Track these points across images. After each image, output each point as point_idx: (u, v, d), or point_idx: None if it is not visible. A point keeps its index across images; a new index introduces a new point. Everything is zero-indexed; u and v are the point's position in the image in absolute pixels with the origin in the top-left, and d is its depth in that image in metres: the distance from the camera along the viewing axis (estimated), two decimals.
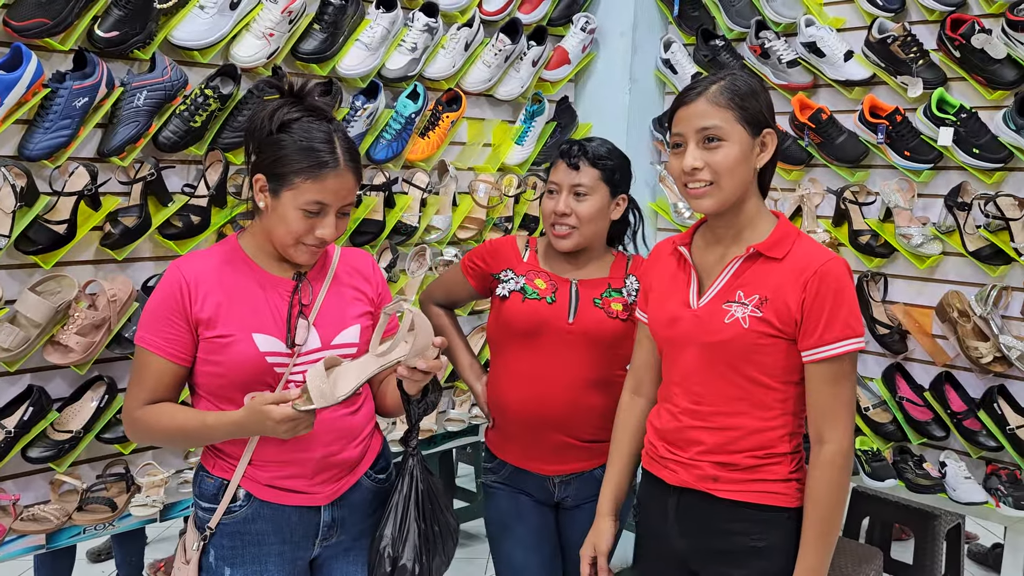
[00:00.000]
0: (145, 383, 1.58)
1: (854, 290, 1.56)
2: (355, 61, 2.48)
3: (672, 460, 1.66)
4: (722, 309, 1.57)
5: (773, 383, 1.57)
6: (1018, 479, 2.39)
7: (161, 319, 1.57)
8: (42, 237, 1.97)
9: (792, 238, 1.58)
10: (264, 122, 1.55)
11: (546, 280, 1.98)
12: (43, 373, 2.07)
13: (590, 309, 1.95)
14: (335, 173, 1.54)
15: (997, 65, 2.36)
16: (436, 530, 1.70)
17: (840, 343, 1.52)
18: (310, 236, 1.56)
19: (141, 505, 2.16)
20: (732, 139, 1.52)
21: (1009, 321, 2.43)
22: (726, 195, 1.54)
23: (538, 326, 1.95)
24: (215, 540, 1.62)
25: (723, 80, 1.55)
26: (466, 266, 2.09)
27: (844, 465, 1.55)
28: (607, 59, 3.13)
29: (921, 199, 2.59)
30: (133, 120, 2.07)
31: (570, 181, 1.93)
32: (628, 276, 2.01)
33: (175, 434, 1.58)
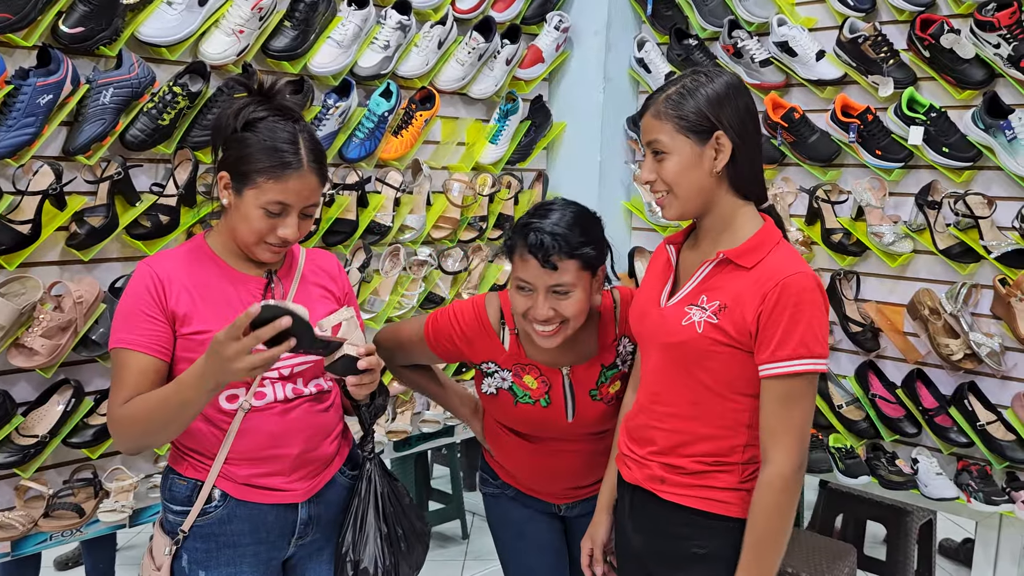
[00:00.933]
0: (126, 384, 1.51)
1: (820, 308, 1.49)
2: (327, 59, 2.45)
3: (629, 457, 1.67)
4: (683, 311, 1.56)
5: (726, 392, 1.54)
6: (988, 475, 2.42)
7: (136, 316, 1.53)
8: (5, 237, 1.92)
9: (768, 247, 1.53)
10: (229, 120, 1.55)
11: (536, 376, 1.82)
12: (7, 376, 2.02)
13: (588, 404, 1.84)
14: (298, 174, 1.53)
15: (966, 65, 2.38)
16: (399, 532, 1.70)
17: (792, 362, 1.46)
18: (272, 236, 1.55)
19: (110, 511, 2.11)
20: (674, 151, 1.52)
21: (979, 318, 2.46)
22: (682, 203, 1.55)
23: (538, 428, 1.89)
24: (188, 543, 1.59)
25: (673, 87, 1.53)
26: (433, 339, 1.88)
27: (783, 488, 1.48)
28: (581, 58, 3.12)
29: (892, 198, 2.61)
30: (99, 118, 2.03)
31: (547, 283, 1.68)
32: (619, 339, 1.85)
33: (155, 413, 1.47)
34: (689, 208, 1.56)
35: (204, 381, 1.41)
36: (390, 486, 1.73)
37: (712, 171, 1.52)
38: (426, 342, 1.91)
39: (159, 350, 1.53)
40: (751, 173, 1.57)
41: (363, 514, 1.67)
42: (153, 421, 1.47)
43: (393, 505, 1.71)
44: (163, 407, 1.47)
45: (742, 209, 1.57)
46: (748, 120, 1.55)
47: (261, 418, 1.59)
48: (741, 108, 1.53)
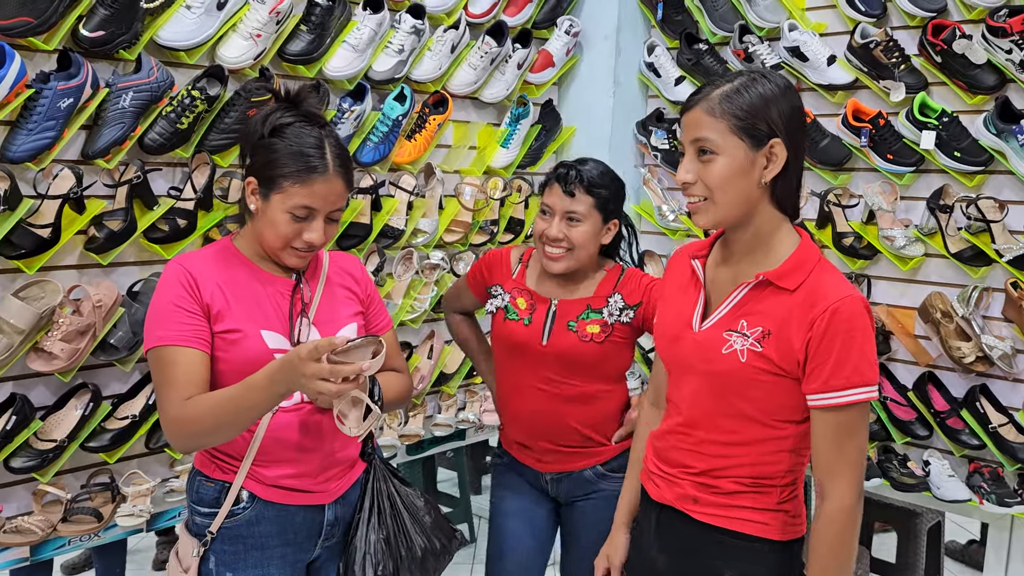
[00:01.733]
0: (177, 381, 1.48)
1: (870, 332, 1.39)
2: (342, 63, 2.45)
3: (658, 475, 1.58)
4: (722, 338, 1.44)
5: (770, 421, 1.45)
6: (1000, 476, 2.44)
7: (174, 311, 1.51)
8: (25, 241, 1.92)
9: (809, 267, 1.42)
10: (257, 126, 1.56)
11: (528, 300, 2.00)
12: (26, 381, 2.02)
13: (563, 333, 1.95)
14: (324, 178, 1.53)
15: (977, 70, 2.41)
16: (400, 538, 1.69)
17: (847, 392, 1.37)
18: (298, 240, 1.55)
19: (127, 515, 2.11)
20: (725, 152, 1.38)
21: (990, 321, 2.47)
22: (722, 212, 1.42)
23: (516, 346, 1.99)
24: (215, 545, 1.58)
25: (729, 84, 1.40)
26: (470, 278, 2.14)
27: (846, 523, 1.41)
28: (591, 62, 3.14)
29: (903, 201, 2.63)
30: (119, 122, 2.03)
31: (564, 207, 1.92)
32: (613, 295, 1.97)
33: (220, 414, 1.45)
34: (726, 217, 1.43)
35: (276, 386, 1.41)
36: (395, 488, 1.73)
37: (761, 180, 1.40)
38: (467, 279, 2.17)
39: (201, 342, 1.52)
40: (794, 188, 1.45)
41: (359, 516, 1.68)
42: (217, 421, 1.46)
43: (395, 507, 1.71)
44: (229, 408, 1.45)
45: (781, 225, 1.45)
46: (801, 127, 1.43)
47: (289, 419, 1.59)
48: (798, 116, 1.42)
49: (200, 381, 1.50)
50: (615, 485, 1.99)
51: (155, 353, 1.52)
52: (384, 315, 1.81)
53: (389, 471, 1.76)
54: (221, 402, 1.46)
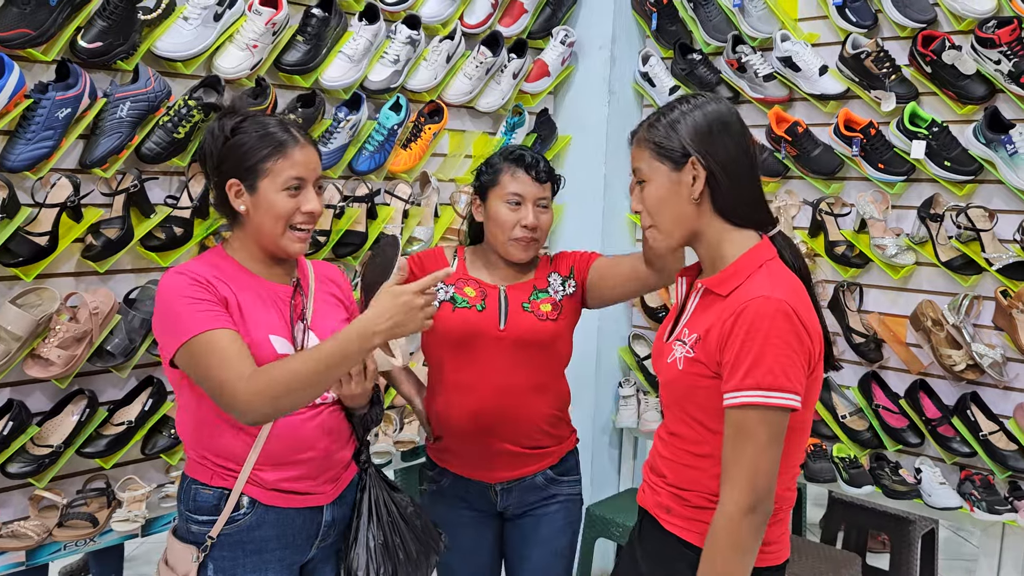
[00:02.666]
0: (231, 356, 1.46)
1: (776, 335, 1.35)
2: (338, 73, 2.48)
3: (646, 481, 1.63)
4: (669, 347, 1.51)
5: (720, 428, 1.42)
6: (991, 484, 2.45)
7: (195, 304, 1.50)
8: (23, 249, 1.95)
9: (746, 272, 1.44)
10: (216, 135, 1.61)
11: (475, 288, 2.00)
12: (23, 387, 2.04)
13: (520, 314, 1.96)
14: (299, 147, 1.61)
15: (967, 81, 2.43)
16: (397, 541, 1.72)
17: (741, 393, 1.36)
18: (298, 215, 1.60)
19: (123, 520, 2.13)
20: (652, 178, 1.49)
21: (981, 329, 2.49)
22: (665, 232, 1.50)
23: (470, 335, 1.95)
24: (213, 552, 1.60)
25: (654, 116, 1.51)
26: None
27: (727, 535, 1.37)
28: (586, 72, 3.16)
29: (895, 210, 2.65)
30: (116, 131, 2.05)
31: (536, 194, 1.95)
32: (551, 274, 2.04)
33: (308, 369, 1.44)
34: (673, 238, 1.50)
35: (374, 336, 1.45)
36: (388, 495, 1.75)
37: (690, 197, 1.46)
38: None
39: (232, 324, 1.52)
40: (737, 198, 1.47)
41: (357, 523, 1.70)
42: (305, 381, 1.44)
43: (391, 513, 1.73)
44: (318, 363, 1.45)
45: (729, 235, 1.48)
46: (729, 144, 1.46)
47: (289, 422, 1.61)
48: (722, 133, 1.46)
49: (248, 354, 1.49)
50: (567, 490, 2.06)
51: (190, 347, 1.48)
52: None
53: (381, 478, 1.79)
54: (306, 361, 1.45)
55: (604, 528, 2.89)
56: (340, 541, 1.72)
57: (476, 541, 2.06)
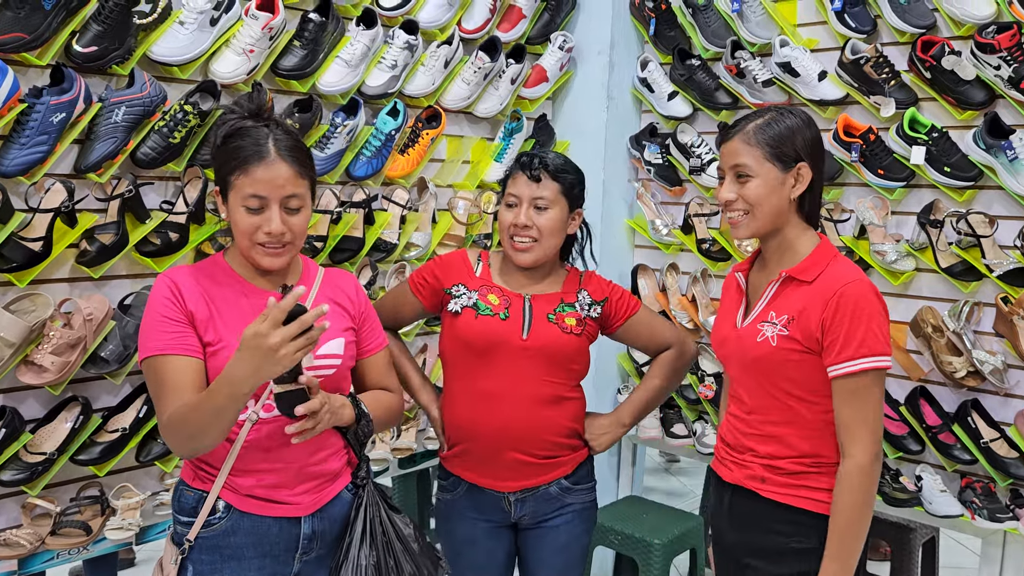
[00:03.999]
0: (168, 389, 1.51)
1: (877, 310, 1.63)
2: (335, 78, 2.47)
3: (729, 460, 1.80)
4: (757, 329, 1.70)
5: (811, 397, 1.68)
6: (992, 492, 2.43)
7: (162, 322, 1.54)
8: (17, 254, 1.93)
9: (825, 261, 1.68)
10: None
11: (499, 295, 1.96)
12: (16, 393, 2.02)
13: (544, 325, 1.94)
14: (264, 164, 1.54)
15: (967, 86, 2.42)
16: (391, 564, 1.68)
17: (856, 361, 1.60)
18: (259, 234, 1.56)
19: (116, 528, 2.11)
20: (759, 175, 1.67)
21: (981, 336, 2.48)
22: (759, 223, 1.70)
23: (492, 343, 1.92)
24: (193, 555, 1.59)
25: (761, 119, 1.69)
26: (415, 283, 2.04)
27: (860, 481, 1.62)
28: (584, 77, 3.16)
29: (894, 216, 2.64)
30: (111, 136, 2.04)
31: (531, 194, 1.92)
32: (580, 291, 2.02)
33: (203, 410, 1.45)
34: (762, 228, 1.71)
35: (239, 385, 1.40)
36: (386, 514, 1.71)
37: (790, 197, 1.69)
38: (410, 285, 2.05)
39: (189, 350, 1.54)
40: (817, 202, 1.75)
41: (348, 541, 1.66)
42: (203, 421, 1.46)
43: (387, 534, 1.69)
44: (210, 404, 1.45)
45: (804, 232, 1.73)
46: (821, 152, 1.72)
47: (268, 430, 1.59)
48: (817, 141, 1.71)
49: (189, 387, 1.52)
50: (581, 498, 2.03)
51: (147, 364, 1.56)
52: (379, 334, 1.81)
53: (380, 496, 1.75)
54: (200, 402, 1.47)
55: (603, 536, 2.87)
56: (329, 557, 1.69)
57: (490, 553, 2.02)
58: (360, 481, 1.72)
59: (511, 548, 2.05)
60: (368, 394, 1.76)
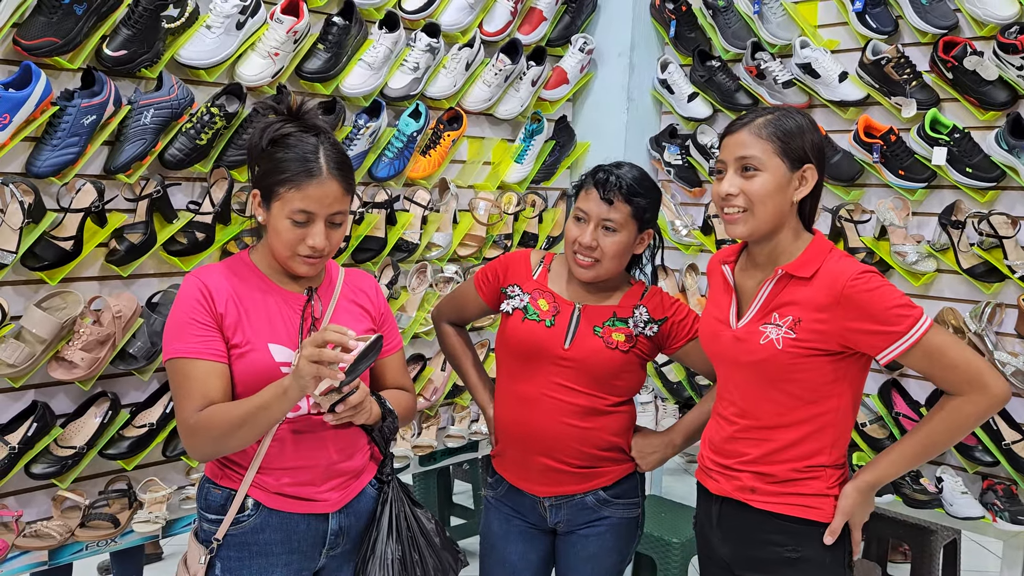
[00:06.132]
0: (193, 392, 1.54)
1: (890, 287, 1.58)
2: (358, 80, 2.50)
3: (716, 471, 1.73)
4: (758, 331, 1.63)
5: (813, 397, 1.63)
6: (1014, 494, 2.42)
7: (189, 324, 1.57)
8: (48, 253, 1.98)
9: (822, 256, 1.63)
10: (256, 138, 1.61)
11: (550, 302, 1.94)
12: (47, 389, 2.07)
13: (588, 337, 1.91)
14: (317, 181, 1.56)
15: (989, 86, 2.41)
16: (416, 557, 1.71)
17: (907, 335, 1.54)
18: (302, 246, 1.58)
19: (143, 521, 2.15)
20: (768, 170, 1.60)
21: (1003, 337, 2.46)
22: (758, 222, 1.62)
23: (533, 349, 1.92)
24: (221, 552, 1.62)
25: (770, 115, 1.63)
26: (478, 280, 2.06)
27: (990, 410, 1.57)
28: (605, 79, 3.17)
29: (915, 217, 2.63)
30: (140, 138, 2.09)
31: (601, 214, 1.87)
32: (638, 307, 1.96)
33: (236, 421, 1.51)
34: (761, 227, 1.63)
35: (286, 392, 1.47)
36: (410, 510, 1.75)
37: (792, 199, 1.63)
38: (474, 282, 2.07)
39: (216, 354, 1.57)
40: (816, 204, 1.69)
41: (375, 536, 1.70)
42: (234, 431, 1.52)
43: (411, 529, 1.72)
44: (244, 418, 1.51)
45: (800, 233, 1.68)
46: (824, 159, 1.68)
47: (293, 429, 1.63)
48: (821, 145, 1.66)
49: (213, 392, 1.55)
50: (620, 513, 1.99)
51: (171, 365, 1.58)
52: (395, 336, 1.84)
53: (404, 492, 1.78)
54: (237, 416, 1.51)
55: None
56: (355, 552, 1.72)
57: (524, 556, 2.02)
58: (385, 477, 1.74)
59: (547, 552, 2.05)
60: (386, 393, 1.79)
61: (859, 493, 1.66)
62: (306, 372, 1.42)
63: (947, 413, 1.60)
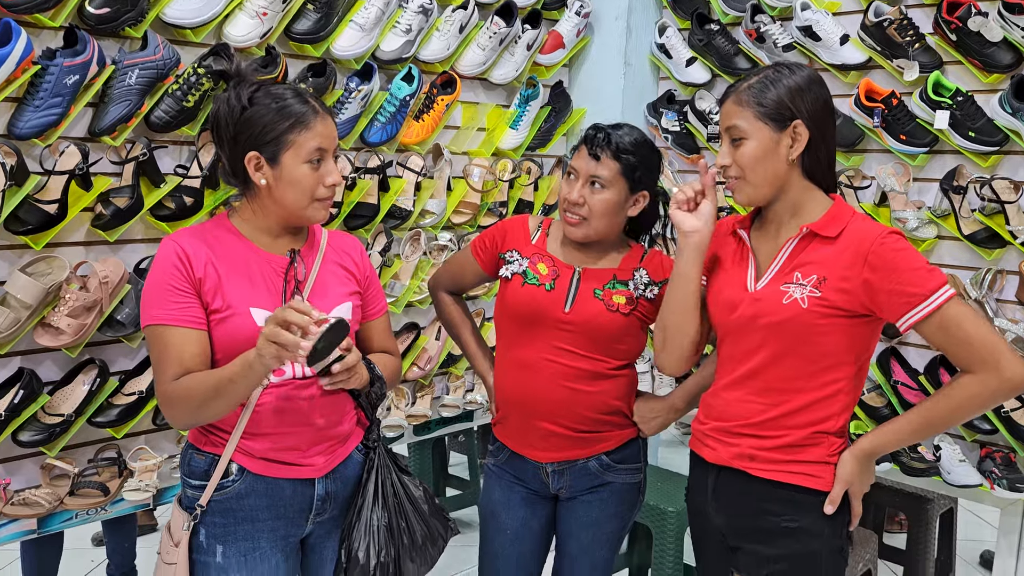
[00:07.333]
0: (170, 360, 1.52)
1: (915, 252, 1.55)
2: (349, 42, 2.45)
3: (713, 437, 1.70)
4: (780, 291, 1.60)
5: (831, 362, 1.59)
6: (1012, 462, 2.40)
7: (166, 290, 1.54)
8: (32, 217, 1.94)
9: (846, 217, 1.60)
10: (232, 105, 1.56)
11: (549, 265, 1.93)
12: (34, 356, 2.04)
13: (589, 300, 1.89)
14: (319, 118, 1.59)
15: (993, 48, 2.36)
16: (403, 525, 1.69)
17: (928, 301, 1.51)
18: (321, 189, 1.59)
19: (134, 490, 2.13)
20: (752, 136, 1.59)
21: (1004, 304, 2.44)
22: (754, 188, 1.62)
23: (533, 313, 1.90)
24: (206, 518, 1.60)
25: (756, 77, 1.61)
26: (476, 246, 2.04)
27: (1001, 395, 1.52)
28: (601, 43, 3.11)
29: (916, 183, 2.59)
30: (125, 99, 2.04)
31: (589, 170, 1.85)
32: (638, 269, 1.94)
33: (208, 392, 1.49)
34: (758, 193, 1.63)
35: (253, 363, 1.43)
36: (397, 477, 1.73)
37: (788, 158, 1.59)
38: (471, 249, 2.05)
39: (192, 321, 1.54)
40: (826, 162, 1.63)
41: (361, 502, 1.68)
42: (206, 402, 1.50)
43: (398, 495, 1.70)
44: (216, 388, 1.48)
45: (811, 193, 1.63)
46: (825, 111, 1.61)
47: (278, 394, 1.60)
48: (819, 99, 1.60)
49: (190, 359, 1.52)
50: (622, 478, 1.98)
51: (149, 332, 1.56)
52: (380, 299, 1.81)
53: (391, 459, 1.76)
54: (208, 386, 1.49)
55: None
56: (341, 516, 1.70)
57: (525, 523, 2.01)
58: (372, 444, 1.72)
59: (548, 519, 2.04)
60: (374, 357, 1.76)
61: (856, 461, 1.63)
62: (266, 352, 1.39)
63: (954, 390, 1.56)
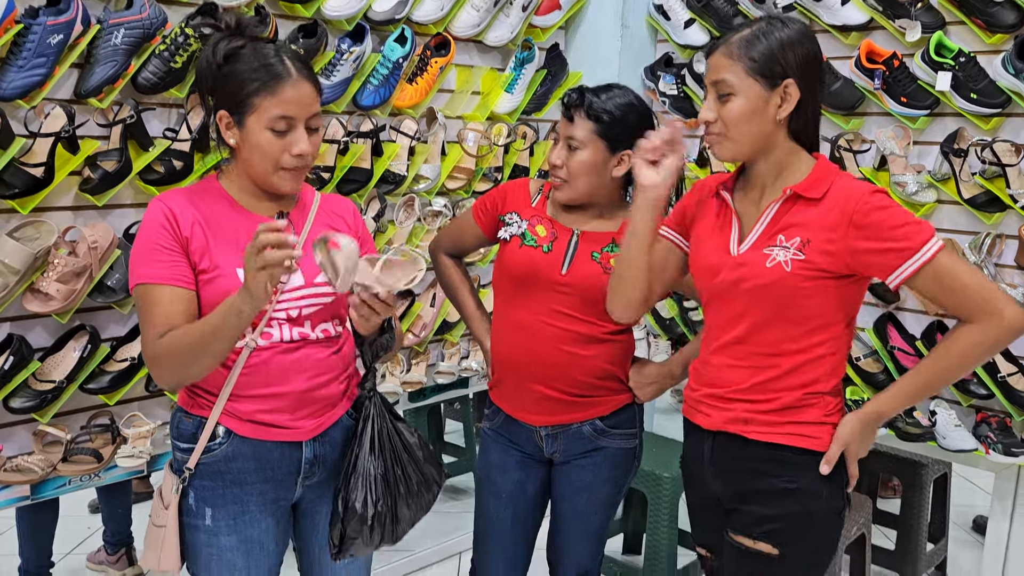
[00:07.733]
0: (156, 319, 1.49)
1: (901, 207, 1.52)
2: (341, 3, 2.40)
3: (706, 403, 1.67)
4: (763, 254, 1.56)
5: (818, 322, 1.56)
6: (1008, 427, 2.40)
7: (154, 249, 1.51)
8: (18, 180, 1.91)
9: (830, 178, 1.56)
10: (210, 60, 1.53)
11: (548, 228, 1.92)
12: (23, 322, 2.02)
13: (586, 262, 1.88)
14: (290, 83, 1.51)
15: (997, 8, 2.32)
16: (399, 473, 1.68)
17: (919, 253, 1.48)
18: (286, 157, 1.53)
19: (127, 456, 2.12)
20: (741, 93, 1.53)
21: (1003, 269, 2.42)
22: (738, 146, 1.57)
23: (530, 274, 1.90)
24: (195, 481, 1.59)
25: (748, 30, 1.54)
26: (477, 209, 2.03)
27: (1001, 340, 1.49)
28: (598, 5, 3.06)
29: (916, 147, 2.56)
30: (111, 59, 2.00)
31: (565, 132, 1.86)
32: None
33: (193, 345, 1.46)
34: (743, 151, 1.58)
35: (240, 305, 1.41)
36: (392, 425, 1.71)
37: (775, 118, 1.54)
38: (472, 212, 2.04)
39: (180, 279, 1.51)
40: (813, 122, 1.59)
41: (357, 452, 1.66)
42: (197, 352, 1.47)
43: (393, 444, 1.69)
44: (208, 334, 1.46)
45: (796, 154, 1.59)
46: (816, 70, 1.57)
47: (266, 356, 1.58)
48: (811, 55, 1.55)
49: (177, 318, 1.50)
50: (616, 443, 1.98)
51: (136, 292, 1.54)
52: None
53: (386, 407, 1.74)
54: (198, 333, 1.46)
55: None
56: (332, 480, 1.69)
57: (520, 486, 2.01)
58: (368, 392, 1.70)
59: (543, 483, 2.04)
60: None
61: (860, 423, 1.61)
62: (257, 284, 1.36)
63: (954, 342, 1.53)
